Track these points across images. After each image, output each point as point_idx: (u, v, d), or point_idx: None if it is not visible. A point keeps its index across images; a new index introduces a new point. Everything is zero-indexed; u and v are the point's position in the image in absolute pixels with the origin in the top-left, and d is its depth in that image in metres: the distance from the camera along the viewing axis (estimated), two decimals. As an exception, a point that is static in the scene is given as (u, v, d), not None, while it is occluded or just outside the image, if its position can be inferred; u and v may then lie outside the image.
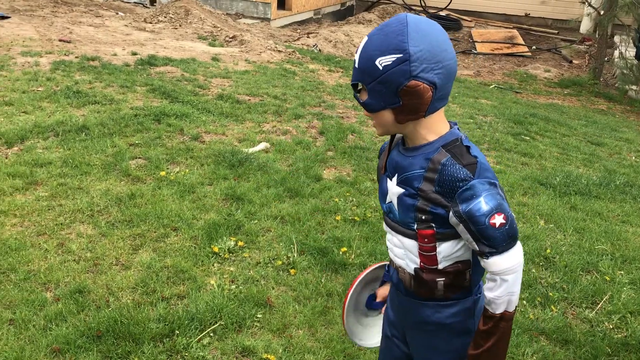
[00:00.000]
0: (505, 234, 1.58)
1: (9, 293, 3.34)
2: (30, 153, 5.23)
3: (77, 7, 13.84)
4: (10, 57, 8.42)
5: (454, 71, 1.60)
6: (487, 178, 1.58)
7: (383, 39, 1.55)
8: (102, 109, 6.49)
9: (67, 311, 3.22)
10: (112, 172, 5.01)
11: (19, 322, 3.11)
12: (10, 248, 3.77)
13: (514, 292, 1.63)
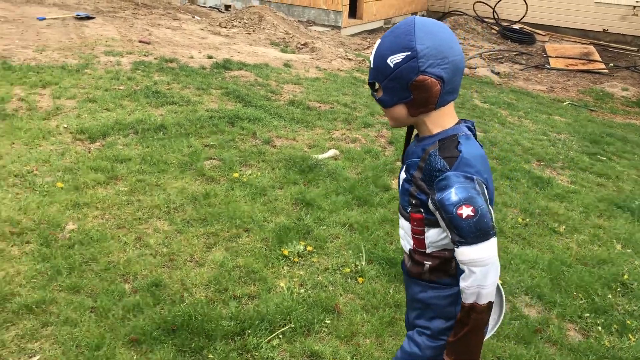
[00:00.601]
0: (473, 226, 1.65)
1: (91, 282, 3.51)
2: (112, 149, 5.46)
3: (156, 9, 14.37)
4: (95, 56, 8.83)
5: (460, 66, 1.74)
6: (464, 172, 1.68)
7: (393, 40, 1.72)
8: (179, 109, 6.71)
9: (144, 303, 3.34)
10: (188, 171, 5.17)
11: (100, 310, 3.25)
12: (92, 239, 3.95)
13: (484, 286, 1.69)
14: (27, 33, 10.18)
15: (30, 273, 3.53)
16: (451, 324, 1.88)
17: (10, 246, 3.81)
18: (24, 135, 5.57)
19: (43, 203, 4.35)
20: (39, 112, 6.21)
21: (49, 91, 6.97)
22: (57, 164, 5.03)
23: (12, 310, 3.20)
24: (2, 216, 4.12)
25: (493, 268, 1.70)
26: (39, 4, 13.51)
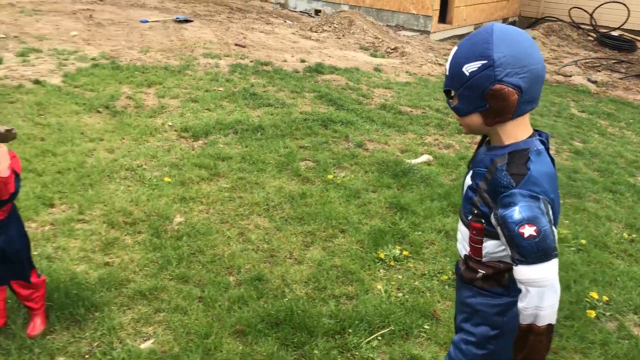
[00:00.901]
0: (535, 246, 1.60)
1: (199, 273, 3.68)
2: (213, 147, 5.70)
3: (249, 14, 14.82)
4: (194, 57, 9.23)
5: (541, 75, 1.68)
6: (531, 191, 1.63)
7: (470, 47, 1.69)
8: (275, 111, 6.90)
9: (248, 296, 3.47)
10: (285, 171, 5.31)
11: (207, 300, 3.41)
12: (198, 232, 4.14)
13: (542, 307, 1.64)
14: (131, 35, 10.78)
15: (142, 261, 3.76)
16: (497, 333, 1.88)
17: (124, 235, 4.06)
18: (133, 131, 5.92)
19: (152, 196, 4.61)
20: (146, 110, 6.58)
21: (154, 90, 7.36)
22: (164, 160, 5.31)
23: (127, 295, 3.41)
24: (116, 206, 4.40)
25: (551, 290, 1.64)
26: (141, 7, 14.26)
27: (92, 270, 3.61)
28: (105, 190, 4.65)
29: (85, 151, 5.32)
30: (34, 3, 13.19)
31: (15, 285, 2.92)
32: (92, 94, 6.90)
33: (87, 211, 4.30)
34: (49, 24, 11.04)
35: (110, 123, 6.10)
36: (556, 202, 1.74)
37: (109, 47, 9.45)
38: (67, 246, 3.85)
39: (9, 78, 7.27)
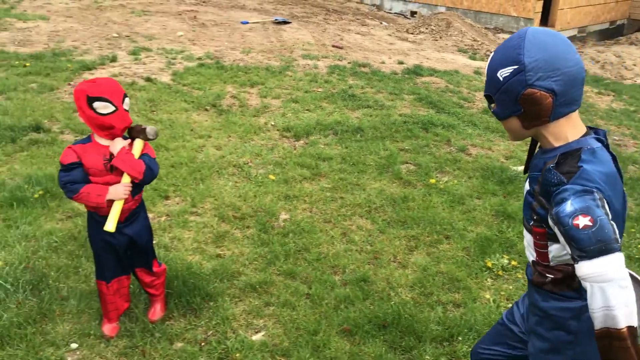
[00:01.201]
0: (592, 237, 1.52)
1: (305, 270, 3.75)
2: (314, 147, 5.79)
3: (345, 15, 14.92)
4: (293, 59, 9.41)
5: (576, 77, 1.65)
6: (583, 185, 1.58)
7: (503, 53, 1.70)
8: (374, 113, 6.91)
9: (354, 296, 3.50)
10: (385, 173, 5.30)
11: (315, 297, 3.47)
12: (303, 230, 4.22)
13: (612, 307, 1.51)
14: (233, 36, 11.15)
15: (251, 255, 3.87)
16: (572, 338, 1.82)
17: (233, 229, 4.21)
18: (239, 129, 6.12)
19: (259, 192, 4.74)
20: (250, 109, 6.78)
21: (256, 90, 7.57)
22: (268, 158, 5.45)
23: (239, 287, 3.53)
24: (225, 201, 4.56)
25: (615, 286, 1.51)
26: (241, 8, 14.71)
27: (206, 261, 3.77)
28: (214, 185, 4.83)
29: (195, 147, 5.56)
30: (142, 4, 13.94)
31: (140, 272, 3.09)
32: (200, 93, 7.20)
33: (199, 204, 4.49)
34: (156, 24, 11.62)
35: (217, 121, 6.34)
36: (616, 202, 1.65)
37: (213, 48, 9.82)
38: (182, 237, 4.04)
39: (123, 75, 7.72)
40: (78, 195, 2.64)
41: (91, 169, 2.67)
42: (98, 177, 2.69)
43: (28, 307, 3.17)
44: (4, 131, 5.46)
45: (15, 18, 11.04)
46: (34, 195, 4.32)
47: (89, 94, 2.56)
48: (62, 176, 2.63)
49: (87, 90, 2.57)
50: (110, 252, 2.88)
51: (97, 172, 2.68)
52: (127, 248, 2.92)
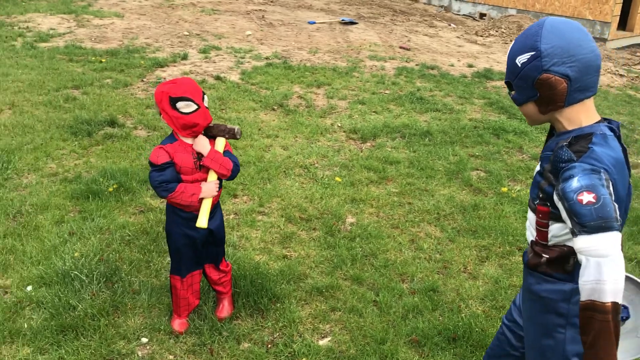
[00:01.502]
0: (594, 213, 1.57)
1: (372, 276, 3.68)
2: (381, 150, 5.71)
3: (413, 16, 14.72)
4: (360, 60, 9.35)
5: (591, 64, 1.72)
6: (591, 164, 1.64)
7: (522, 40, 1.79)
8: (443, 117, 6.76)
9: (423, 306, 3.40)
10: (455, 179, 5.16)
11: (382, 305, 3.39)
12: (370, 235, 4.15)
13: (603, 281, 1.57)
14: (300, 35, 11.18)
15: (317, 258, 3.84)
16: (562, 321, 1.86)
17: (300, 230, 4.19)
18: (305, 130, 6.11)
19: (325, 194, 4.71)
20: (316, 110, 6.76)
21: (323, 91, 7.55)
22: (334, 160, 5.41)
23: (305, 290, 3.50)
24: (292, 202, 4.55)
25: (612, 262, 1.57)
26: (308, 8, 14.76)
27: (272, 262, 3.76)
28: (281, 185, 4.84)
29: (263, 146, 5.58)
30: (212, 3, 14.20)
31: (208, 269, 3.11)
32: (267, 92, 7.24)
33: (267, 204, 4.50)
34: (225, 23, 11.81)
35: (284, 121, 6.35)
36: (621, 188, 1.71)
37: (281, 47, 9.88)
38: (250, 236, 4.05)
39: (193, 73, 7.87)
40: (173, 194, 2.68)
41: (183, 168, 2.71)
42: (188, 175, 2.73)
43: (101, 299, 3.24)
44: (81, 125, 5.65)
45: (92, 15, 11.47)
46: (109, 188, 4.44)
47: (171, 95, 2.59)
48: (156, 176, 2.67)
49: (169, 91, 2.60)
50: (190, 245, 2.91)
51: (188, 170, 2.72)
52: (205, 242, 2.95)
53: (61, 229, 3.93)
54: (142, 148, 5.32)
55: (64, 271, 3.38)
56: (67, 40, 9.24)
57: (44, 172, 4.75)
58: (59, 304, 3.15)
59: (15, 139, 5.30)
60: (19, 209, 4.14)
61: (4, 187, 4.46)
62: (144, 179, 4.68)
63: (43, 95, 6.56)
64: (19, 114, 5.97)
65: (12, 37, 9.24)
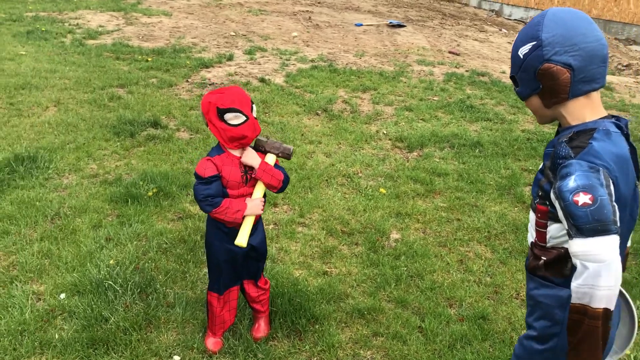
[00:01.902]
0: (590, 215, 1.51)
1: (417, 299, 3.46)
2: (428, 160, 5.46)
3: (462, 20, 14.35)
4: (408, 64, 9.09)
5: (595, 54, 1.63)
6: (590, 162, 1.57)
7: (525, 32, 1.73)
8: (494, 127, 6.46)
9: (472, 335, 3.17)
10: (507, 195, 4.88)
11: (428, 332, 3.17)
12: (416, 253, 3.93)
13: (598, 287, 1.51)
14: (346, 38, 11.00)
15: (360, 276, 3.64)
16: (558, 329, 1.77)
17: (341, 245, 4.00)
18: (349, 136, 5.91)
19: (368, 207, 4.51)
20: (361, 116, 6.56)
21: (369, 96, 7.35)
22: (379, 170, 5.20)
23: (346, 311, 3.31)
24: (333, 213, 4.37)
25: (607, 268, 1.50)
26: (355, 10, 14.56)
27: (312, 278, 3.58)
28: (323, 195, 4.66)
29: (305, 153, 5.42)
30: (259, 3, 14.16)
31: (247, 285, 2.96)
32: (311, 96, 7.08)
33: (307, 214, 4.33)
34: (272, 24, 11.71)
35: (327, 126, 6.18)
36: (624, 187, 1.62)
37: (326, 50, 9.72)
38: (289, 248, 3.88)
39: (238, 75, 7.78)
40: (217, 209, 2.55)
41: (230, 182, 2.56)
42: (235, 189, 2.59)
43: (135, 311, 3.13)
44: (124, 125, 5.60)
45: (141, 13, 11.55)
46: (148, 193, 4.35)
47: (219, 106, 2.45)
48: (202, 189, 2.53)
49: (216, 102, 2.45)
50: (231, 261, 2.77)
51: (235, 184, 2.58)
52: (246, 256, 2.80)
53: (98, 233, 3.84)
54: (184, 151, 5.23)
55: (98, 280, 3.28)
56: (115, 38, 9.29)
57: (85, 172, 4.70)
58: (91, 315, 3.05)
59: (59, 138, 5.28)
60: (58, 210, 4.09)
61: (45, 187, 4.42)
62: (184, 184, 4.57)
63: (88, 93, 6.56)
64: (63, 111, 5.97)
65: (62, 33, 9.35)
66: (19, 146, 5.01)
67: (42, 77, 6.98)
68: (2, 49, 8.17)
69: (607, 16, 14.48)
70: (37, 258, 3.54)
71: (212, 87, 7.18)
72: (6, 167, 4.57)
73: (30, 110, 5.96)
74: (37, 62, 7.65)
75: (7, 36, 8.95)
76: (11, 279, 3.34)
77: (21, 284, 3.30)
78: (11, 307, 3.10)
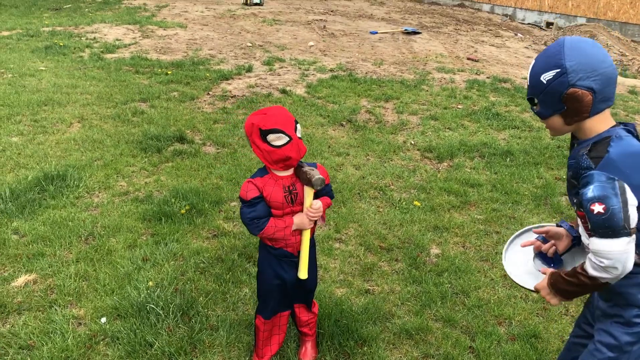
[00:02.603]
0: (602, 223, 1.79)
1: (465, 317, 3.36)
2: (460, 171, 5.37)
3: (477, 25, 14.26)
4: (428, 72, 9.01)
5: (611, 77, 1.87)
6: (607, 172, 1.79)
7: (545, 59, 1.91)
8: (522, 135, 6.36)
9: (525, 355, 3.06)
10: (543, 206, 4.78)
11: (480, 352, 3.07)
12: (458, 269, 3.83)
13: (607, 273, 1.83)
14: (363, 46, 10.93)
15: (403, 294, 3.55)
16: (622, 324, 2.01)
17: (381, 261, 3.91)
18: (377, 148, 5.83)
19: (405, 221, 4.41)
20: (387, 126, 6.48)
21: (392, 105, 7.26)
22: (410, 181, 5.11)
23: (393, 332, 3.21)
24: (369, 228, 4.28)
25: (617, 264, 1.80)
26: (369, 18, 14.51)
27: (354, 297, 3.49)
28: (357, 209, 4.57)
29: (334, 165, 5.34)
30: (273, 13, 14.14)
31: (298, 309, 2.87)
32: (334, 107, 7.01)
33: (343, 230, 4.24)
34: (287, 33, 11.68)
35: (353, 137, 6.10)
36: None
37: (344, 59, 9.65)
38: (328, 266, 3.79)
39: (259, 86, 7.72)
40: (265, 230, 2.48)
41: (272, 202, 2.49)
42: (279, 210, 2.51)
43: (179, 335, 3.05)
44: (150, 140, 5.54)
45: (156, 25, 11.55)
46: (181, 210, 4.28)
47: (261, 127, 2.37)
48: (247, 212, 2.47)
49: (259, 123, 2.38)
50: (281, 287, 2.69)
51: (278, 204, 2.50)
52: (297, 285, 2.71)
53: (134, 253, 3.77)
54: (212, 166, 5.16)
55: (140, 303, 3.20)
56: (132, 52, 9.28)
57: (115, 190, 4.64)
58: (134, 340, 2.97)
59: (85, 155, 5.24)
60: (91, 230, 4.02)
61: (76, 206, 4.36)
62: (216, 200, 4.50)
63: (111, 109, 6.52)
64: (88, 127, 5.93)
65: (80, 48, 9.34)
66: (47, 164, 4.96)
67: (63, 93, 6.96)
68: (22, 65, 8.17)
69: (623, 18, 14.35)
70: (74, 280, 3.47)
71: (233, 100, 7.12)
72: (36, 187, 4.52)
73: (55, 126, 5.92)
74: (57, 77, 7.64)
75: (25, 52, 8.96)
76: (50, 303, 3.27)
77: (60, 308, 3.24)
78: (52, 333, 3.03)
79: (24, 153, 5.21)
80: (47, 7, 13.67)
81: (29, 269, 3.56)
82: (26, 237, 3.89)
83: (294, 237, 2.59)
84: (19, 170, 4.86)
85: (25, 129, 5.79)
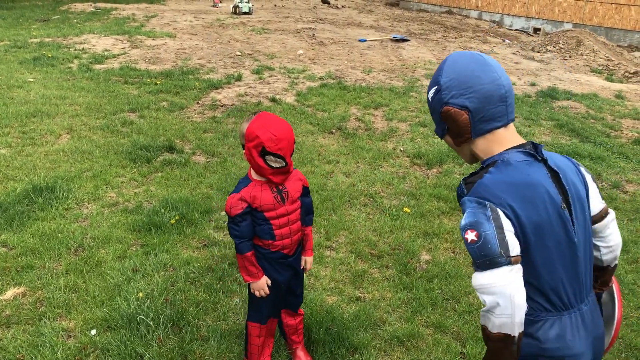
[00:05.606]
0: (477, 251, 1.58)
1: (456, 323, 3.37)
2: (449, 177, 5.39)
3: (465, 32, 14.36)
4: (417, 79, 9.06)
5: (492, 94, 1.66)
6: (477, 197, 1.61)
7: (433, 76, 1.79)
8: (511, 140, 6.40)
9: None
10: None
11: (470, 358, 3.08)
12: (448, 274, 3.84)
13: (494, 313, 1.56)
14: (352, 54, 10.98)
15: (394, 301, 3.55)
16: None
17: (372, 268, 3.91)
18: (367, 155, 5.85)
19: (395, 227, 4.43)
20: (376, 134, 6.50)
21: (381, 112, 7.30)
22: (400, 188, 5.13)
23: (384, 339, 3.22)
24: (360, 235, 4.29)
25: (501, 299, 1.54)
26: (357, 26, 14.58)
27: (345, 305, 3.49)
28: (347, 216, 4.58)
29: (324, 173, 5.35)
30: (262, 22, 14.17)
31: (285, 314, 2.88)
32: (324, 115, 7.03)
33: (334, 237, 4.25)
34: (276, 42, 11.71)
35: (343, 145, 6.12)
36: (532, 212, 1.60)
37: (334, 67, 9.69)
38: (319, 274, 3.80)
39: (249, 95, 7.73)
40: (242, 257, 2.54)
41: (264, 206, 2.50)
42: (272, 211, 2.51)
43: (169, 346, 3.03)
44: (139, 151, 5.53)
45: (145, 35, 11.54)
46: (171, 220, 4.27)
47: (266, 147, 2.36)
48: (232, 229, 2.51)
49: (266, 142, 2.36)
50: (275, 289, 2.69)
51: (270, 206, 2.51)
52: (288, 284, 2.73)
53: (124, 264, 3.76)
54: (202, 176, 5.16)
55: (130, 315, 3.19)
56: (121, 62, 9.27)
57: (104, 201, 4.62)
58: (125, 351, 2.95)
59: (74, 166, 5.22)
60: (80, 242, 4.00)
61: (65, 217, 4.34)
62: (206, 210, 4.50)
63: (100, 119, 6.50)
64: (77, 138, 5.91)
65: (68, 59, 9.32)
66: (36, 176, 4.94)
67: (52, 104, 6.94)
68: (10, 76, 8.14)
69: (609, 24, 14.52)
70: (64, 293, 3.45)
71: (223, 109, 7.13)
72: (25, 199, 4.50)
73: (44, 138, 5.90)
74: (46, 88, 7.61)
75: (13, 63, 8.93)
76: (39, 316, 3.25)
77: (50, 321, 3.21)
78: (42, 346, 3.01)
79: (12, 165, 5.18)
80: (35, 19, 13.64)
81: (18, 282, 3.54)
82: (15, 249, 3.87)
83: (290, 239, 2.60)
84: (7, 182, 4.84)
85: (13, 141, 5.76)
